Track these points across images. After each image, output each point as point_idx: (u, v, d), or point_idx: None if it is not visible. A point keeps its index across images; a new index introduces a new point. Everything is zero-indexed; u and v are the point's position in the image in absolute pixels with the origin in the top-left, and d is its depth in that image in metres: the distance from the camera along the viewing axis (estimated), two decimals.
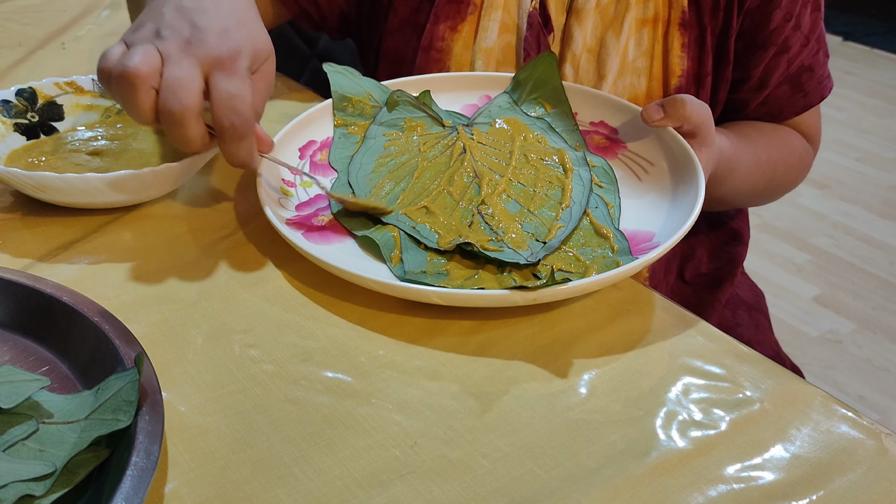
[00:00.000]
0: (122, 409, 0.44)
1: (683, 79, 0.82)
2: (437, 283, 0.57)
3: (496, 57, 0.84)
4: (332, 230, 0.64)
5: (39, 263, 0.61)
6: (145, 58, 0.56)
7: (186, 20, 0.59)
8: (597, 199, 0.66)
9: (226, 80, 0.57)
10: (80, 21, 1.06)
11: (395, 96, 0.74)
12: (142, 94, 0.56)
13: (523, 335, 0.56)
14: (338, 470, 0.46)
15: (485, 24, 0.83)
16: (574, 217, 0.63)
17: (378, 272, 0.59)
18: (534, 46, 0.82)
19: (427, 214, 0.64)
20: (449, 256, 0.60)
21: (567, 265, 0.59)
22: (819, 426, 0.50)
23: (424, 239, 0.61)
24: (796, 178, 0.95)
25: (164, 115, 0.57)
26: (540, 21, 0.82)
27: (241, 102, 0.57)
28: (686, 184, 0.65)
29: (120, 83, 0.56)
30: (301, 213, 0.65)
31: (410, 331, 0.56)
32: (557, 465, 0.47)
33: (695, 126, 0.69)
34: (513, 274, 0.58)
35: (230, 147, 0.59)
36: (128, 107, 0.57)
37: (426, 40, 0.84)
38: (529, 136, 0.72)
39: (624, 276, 0.56)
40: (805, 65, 0.87)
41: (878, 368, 1.87)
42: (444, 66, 0.84)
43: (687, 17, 0.81)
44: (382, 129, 0.73)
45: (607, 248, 0.61)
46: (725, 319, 0.96)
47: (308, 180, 0.69)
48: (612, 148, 0.73)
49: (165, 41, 0.57)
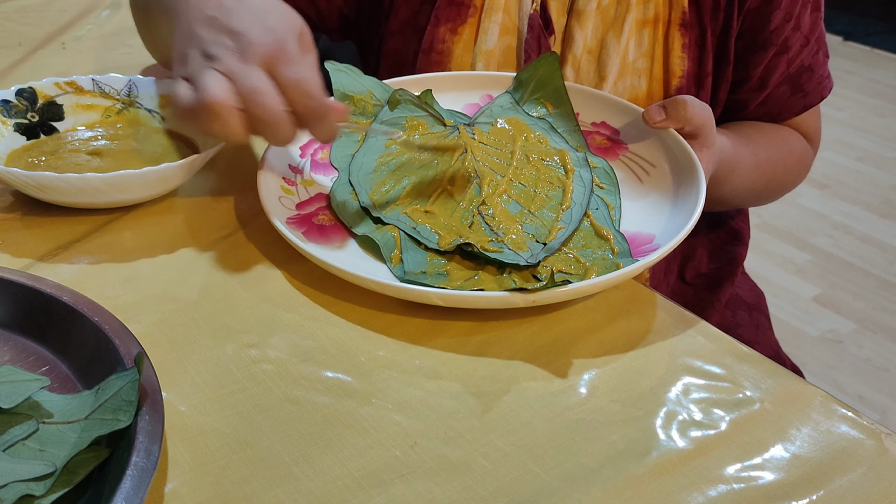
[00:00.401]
0: (122, 409, 0.44)
1: (684, 79, 0.82)
2: (436, 284, 0.57)
3: (497, 59, 0.84)
4: (332, 229, 0.64)
5: (39, 263, 0.61)
6: (217, 85, 0.56)
7: (223, 30, 0.59)
8: (597, 200, 0.66)
9: (287, 69, 0.57)
10: (80, 21, 1.06)
11: (397, 95, 0.74)
12: (232, 120, 0.56)
13: (523, 335, 0.56)
14: (338, 470, 0.46)
15: (485, 27, 0.83)
16: (575, 218, 0.63)
17: (378, 272, 0.59)
18: (534, 48, 0.82)
19: (427, 215, 0.64)
20: (449, 257, 0.60)
21: (567, 267, 0.59)
22: (819, 426, 0.50)
23: (425, 239, 0.61)
24: (796, 179, 0.95)
25: (259, 126, 0.57)
26: (541, 23, 0.82)
27: (310, 84, 0.58)
28: (687, 186, 0.65)
29: (208, 118, 0.56)
30: (301, 211, 0.65)
31: (411, 330, 0.56)
32: (557, 465, 0.47)
33: (696, 127, 0.69)
34: (513, 275, 0.58)
35: (316, 129, 0.60)
36: (223, 135, 0.57)
37: (426, 43, 0.84)
38: (531, 137, 0.72)
39: (624, 278, 0.56)
40: (805, 65, 0.87)
41: (878, 368, 1.87)
42: (445, 68, 0.84)
43: (687, 17, 0.81)
44: (382, 135, 0.73)
45: (608, 250, 0.61)
46: (726, 319, 0.96)
47: (309, 178, 0.69)
48: (614, 149, 0.73)
49: (220, 60, 0.57)
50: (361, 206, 0.65)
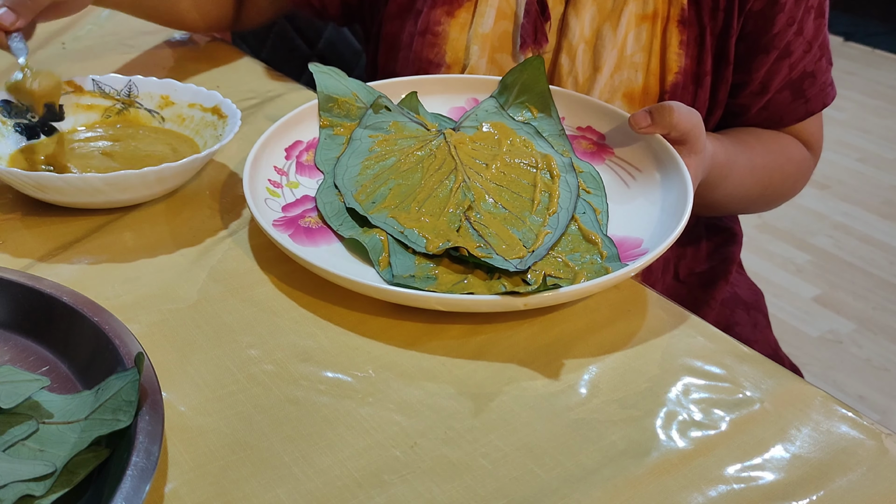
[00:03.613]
0: (122, 409, 0.44)
1: (681, 76, 0.82)
2: (426, 288, 0.57)
3: (492, 43, 0.84)
4: (319, 232, 0.64)
5: (39, 263, 0.61)
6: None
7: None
8: (584, 204, 0.66)
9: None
10: (80, 21, 1.06)
11: (380, 101, 0.73)
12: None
13: (523, 335, 0.56)
14: (338, 470, 0.46)
15: (482, 10, 0.83)
16: (561, 223, 0.63)
17: (366, 275, 0.59)
18: (530, 34, 0.82)
19: (415, 219, 0.63)
20: (437, 261, 0.60)
21: (556, 271, 0.59)
22: (819, 426, 0.50)
23: (412, 243, 0.61)
24: (794, 187, 0.94)
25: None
26: (537, 9, 0.82)
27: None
28: (674, 191, 0.65)
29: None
30: (287, 213, 0.65)
31: (411, 331, 0.56)
32: (557, 465, 0.47)
33: (682, 134, 0.69)
34: (502, 280, 0.58)
35: None
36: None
37: (422, 24, 0.84)
38: (516, 141, 0.71)
39: (614, 282, 0.56)
40: (807, 71, 0.87)
41: (878, 368, 1.87)
42: (440, 50, 0.85)
43: (686, 14, 0.81)
44: (368, 132, 0.72)
45: (596, 254, 0.61)
46: (723, 318, 0.96)
47: (294, 181, 0.68)
48: (600, 153, 0.73)
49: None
50: (347, 207, 0.65)
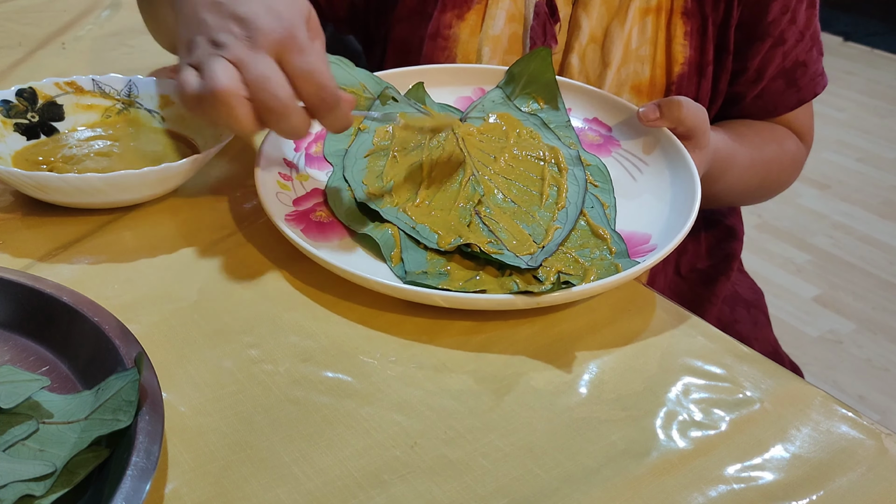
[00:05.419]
0: (122, 409, 0.44)
1: (686, 66, 0.83)
2: (438, 284, 0.57)
3: (503, 46, 0.84)
4: (330, 226, 0.64)
5: (39, 263, 0.61)
6: (225, 73, 0.54)
7: (229, 16, 0.57)
8: (592, 198, 0.66)
9: (298, 58, 0.56)
10: (80, 21, 1.06)
11: (388, 92, 0.73)
12: (240, 108, 0.55)
13: (524, 335, 0.56)
14: (338, 470, 0.46)
15: (492, 13, 0.84)
16: (570, 218, 0.63)
17: (378, 271, 0.59)
18: (540, 36, 0.82)
19: (426, 213, 0.64)
20: (449, 257, 0.60)
21: (566, 267, 0.59)
22: (819, 426, 0.50)
23: (424, 239, 0.61)
24: (790, 178, 0.96)
25: (267, 115, 0.56)
26: (546, 11, 0.83)
27: (321, 75, 0.56)
28: (682, 187, 0.65)
29: (214, 107, 0.55)
30: (298, 207, 0.65)
31: (411, 330, 0.56)
32: (557, 465, 0.47)
33: (689, 129, 0.70)
34: (514, 276, 0.58)
35: (327, 120, 0.59)
36: (231, 125, 0.56)
37: (433, 28, 0.85)
38: (523, 132, 0.71)
39: (627, 279, 0.56)
40: (799, 60, 0.88)
41: (878, 368, 1.87)
42: (451, 53, 0.85)
43: (689, 6, 0.82)
44: (376, 124, 0.72)
45: (605, 250, 0.60)
46: (724, 315, 0.96)
47: (304, 173, 0.68)
48: (606, 145, 0.73)
49: (227, 48, 0.56)
50: (358, 201, 0.65)
